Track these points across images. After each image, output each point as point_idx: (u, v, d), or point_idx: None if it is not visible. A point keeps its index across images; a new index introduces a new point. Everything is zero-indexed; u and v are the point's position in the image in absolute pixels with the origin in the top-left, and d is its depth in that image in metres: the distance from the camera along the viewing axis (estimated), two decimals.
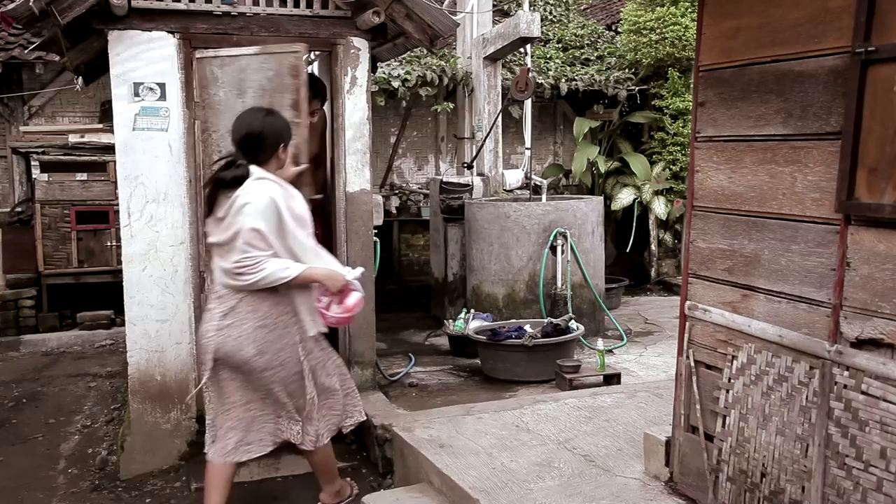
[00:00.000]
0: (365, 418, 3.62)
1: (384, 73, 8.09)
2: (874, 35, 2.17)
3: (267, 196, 3.11)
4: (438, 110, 8.67)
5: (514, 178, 7.91)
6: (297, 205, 3.22)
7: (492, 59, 7.99)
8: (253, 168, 3.19)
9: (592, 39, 10.01)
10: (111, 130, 4.74)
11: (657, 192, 8.81)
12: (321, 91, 4.69)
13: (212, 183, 3.25)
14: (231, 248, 3.12)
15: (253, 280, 3.09)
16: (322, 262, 3.26)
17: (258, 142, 3.22)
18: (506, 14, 9.95)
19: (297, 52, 4.04)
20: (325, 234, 4.68)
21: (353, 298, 3.27)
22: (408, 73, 8.21)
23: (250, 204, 3.09)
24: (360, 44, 4.51)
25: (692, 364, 2.92)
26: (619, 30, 9.39)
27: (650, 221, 9.06)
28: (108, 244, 7.48)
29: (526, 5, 7.91)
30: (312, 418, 3.34)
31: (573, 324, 5.63)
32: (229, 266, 3.12)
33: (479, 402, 4.43)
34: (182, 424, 4.32)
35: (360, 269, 3.37)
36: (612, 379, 5.01)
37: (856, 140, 2.22)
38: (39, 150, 7.53)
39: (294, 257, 3.17)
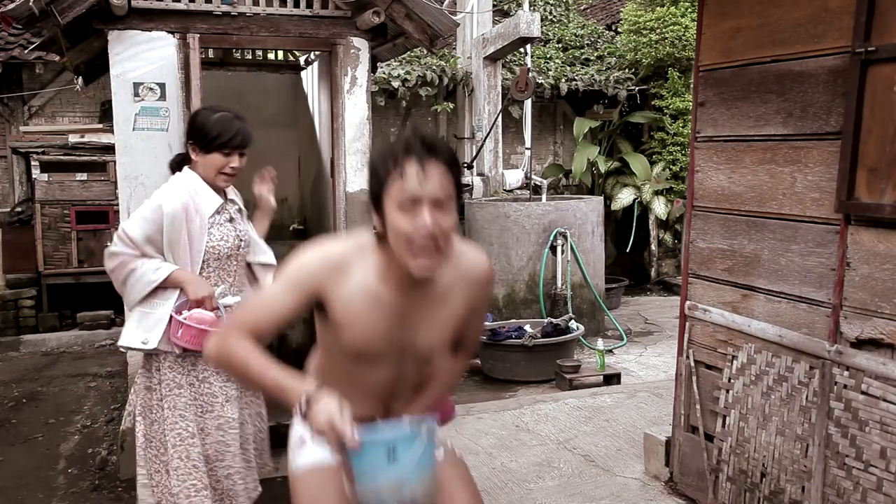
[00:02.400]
0: None
1: (384, 73, 8.09)
2: (874, 35, 2.17)
3: (157, 203, 2.84)
4: (438, 110, 8.67)
5: (514, 178, 7.91)
6: (198, 219, 2.87)
7: (492, 59, 7.99)
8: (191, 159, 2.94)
9: (592, 39, 10.01)
10: (111, 130, 4.74)
11: (657, 192, 8.81)
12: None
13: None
14: None
15: (117, 277, 2.90)
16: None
17: (186, 129, 3.02)
18: (506, 14, 9.96)
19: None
20: None
21: (204, 314, 2.79)
22: (408, 73, 8.21)
23: (142, 206, 2.88)
24: (360, 44, 4.51)
25: (692, 364, 2.92)
26: (619, 30, 9.39)
27: (650, 221, 9.06)
28: (108, 244, 7.47)
29: (526, 5, 7.91)
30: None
31: (573, 324, 5.63)
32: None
33: (479, 402, 4.43)
34: None
35: (233, 298, 2.92)
36: (612, 379, 5.02)
37: (856, 140, 2.22)
38: (39, 150, 7.53)
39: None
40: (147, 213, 2.83)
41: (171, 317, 2.81)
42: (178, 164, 2.99)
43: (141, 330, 2.85)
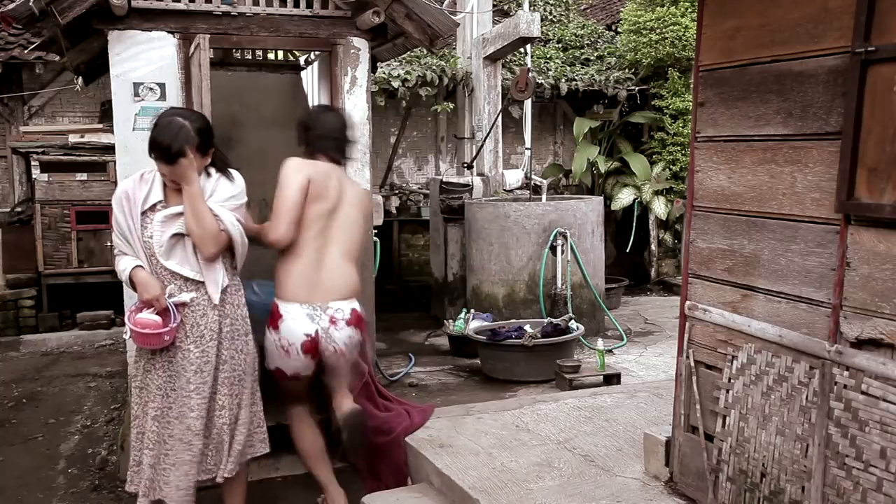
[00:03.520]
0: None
1: (384, 73, 8.09)
2: (874, 35, 2.17)
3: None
4: (438, 110, 8.68)
5: (514, 178, 7.92)
6: (135, 210, 3.00)
7: (492, 59, 7.99)
8: None
9: (592, 39, 10.01)
10: (111, 130, 4.74)
11: (657, 192, 8.81)
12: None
13: None
14: None
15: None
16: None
17: None
18: (506, 14, 9.96)
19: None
20: None
21: (147, 318, 2.91)
22: (408, 73, 8.21)
23: None
24: (360, 44, 4.51)
25: (692, 364, 2.92)
26: (619, 30, 9.39)
27: (650, 221, 9.06)
28: (108, 244, 7.47)
29: (526, 5, 7.91)
30: None
31: (573, 324, 5.64)
32: None
33: (478, 402, 4.43)
34: None
35: (188, 295, 3.00)
36: (612, 379, 5.02)
37: (856, 140, 2.22)
38: (39, 150, 7.53)
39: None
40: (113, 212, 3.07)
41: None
42: None
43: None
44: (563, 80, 8.91)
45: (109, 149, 7.20)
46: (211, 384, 3.05)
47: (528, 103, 7.97)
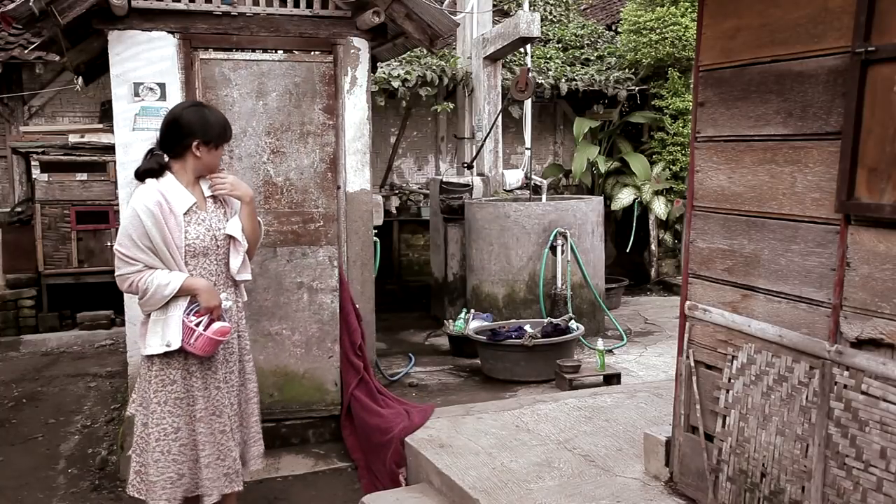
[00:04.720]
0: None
1: (384, 73, 8.09)
2: (874, 35, 2.17)
3: (131, 208, 2.90)
4: (438, 110, 8.67)
5: (514, 178, 7.92)
6: (172, 217, 2.90)
7: (492, 59, 7.99)
8: (169, 162, 3.01)
9: (592, 39, 10.01)
10: (111, 130, 4.74)
11: (657, 192, 8.81)
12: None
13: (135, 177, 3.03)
14: None
15: (139, 301, 2.95)
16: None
17: (168, 131, 2.99)
18: (506, 14, 9.95)
19: (329, 63, 4.28)
20: None
21: (223, 325, 2.94)
22: (408, 73, 8.22)
23: (122, 222, 2.96)
24: (360, 44, 4.51)
25: (692, 364, 2.92)
26: (619, 30, 9.39)
27: (650, 221, 9.07)
28: (108, 244, 7.47)
29: (526, 5, 7.91)
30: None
31: (573, 324, 5.64)
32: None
33: (478, 402, 4.44)
34: None
35: (229, 302, 3.05)
36: (612, 379, 5.02)
37: (856, 140, 2.22)
38: (39, 150, 7.53)
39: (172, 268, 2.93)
40: (128, 226, 2.90)
41: (183, 322, 2.90)
42: (152, 170, 2.96)
43: (160, 336, 2.93)
44: (563, 80, 8.91)
45: (109, 149, 7.20)
46: (237, 375, 3.11)
47: (528, 103, 7.97)
